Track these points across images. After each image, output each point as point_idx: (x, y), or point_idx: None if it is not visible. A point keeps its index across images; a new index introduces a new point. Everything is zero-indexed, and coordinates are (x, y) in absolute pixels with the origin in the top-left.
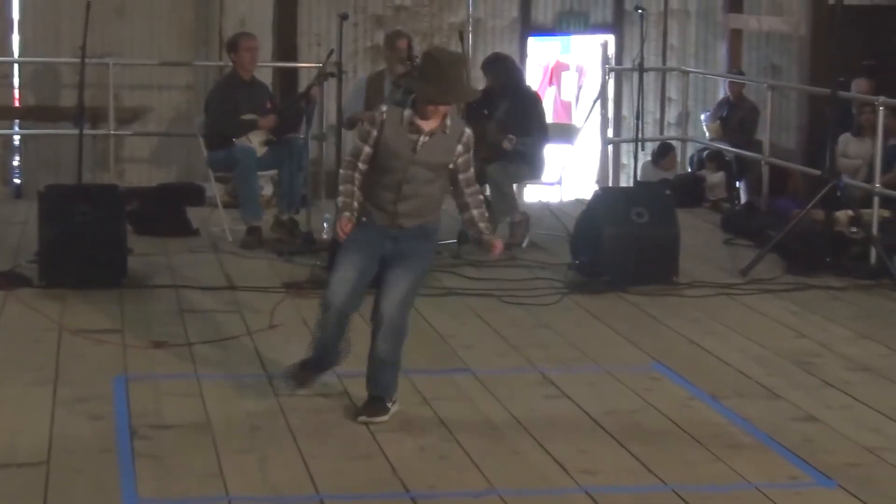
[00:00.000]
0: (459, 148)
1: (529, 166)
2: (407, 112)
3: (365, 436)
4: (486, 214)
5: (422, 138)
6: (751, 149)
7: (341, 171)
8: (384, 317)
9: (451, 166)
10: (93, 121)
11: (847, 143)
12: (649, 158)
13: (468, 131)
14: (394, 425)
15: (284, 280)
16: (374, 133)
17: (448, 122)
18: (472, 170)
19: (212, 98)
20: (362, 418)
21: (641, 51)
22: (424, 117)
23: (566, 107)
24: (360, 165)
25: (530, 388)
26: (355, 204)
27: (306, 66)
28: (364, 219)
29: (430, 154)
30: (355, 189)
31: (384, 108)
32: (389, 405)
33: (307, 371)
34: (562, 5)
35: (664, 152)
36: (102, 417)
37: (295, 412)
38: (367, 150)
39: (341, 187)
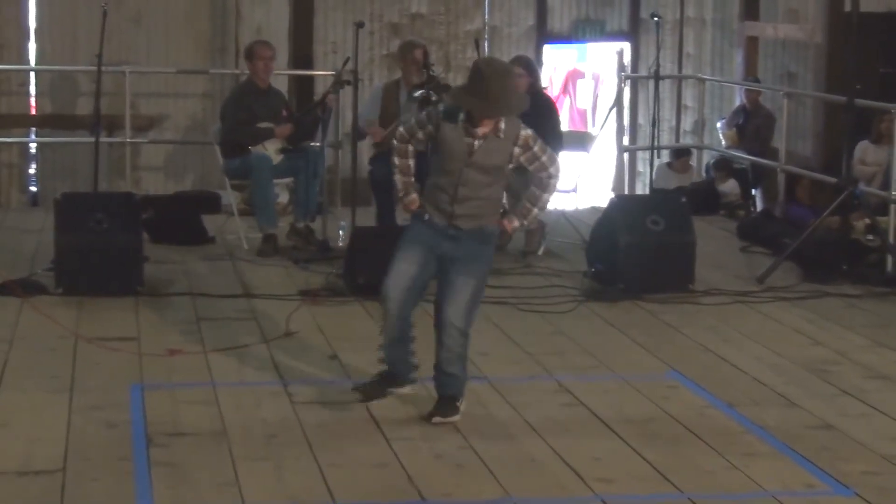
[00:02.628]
0: (516, 150)
1: (550, 186)
2: (461, 115)
3: (381, 444)
4: (535, 204)
5: (477, 142)
6: (767, 156)
7: (394, 142)
8: (451, 324)
9: (510, 166)
10: (109, 129)
11: (865, 151)
12: (664, 162)
13: (524, 132)
14: (410, 433)
15: (300, 288)
16: (430, 128)
17: (502, 125)
18: (541, 159)
19: (228, 106)
20: (437, 419)
21: (657, 58)
22: (476, 125)
23: (582, 114)
24: (419, 135)
25: (546, 395)
26: (413, 180)
27: (322, 73)
28: (426, 216)
29: (486, 157)
30: (410, 162)
31: (442, 107)
32: (459, 404)
33: (377, 384)
34: (578, 13)
35: (679, 154)
36: (118, 425)
37: (311, 420)
38: (420, 134)
39: (397, 160)
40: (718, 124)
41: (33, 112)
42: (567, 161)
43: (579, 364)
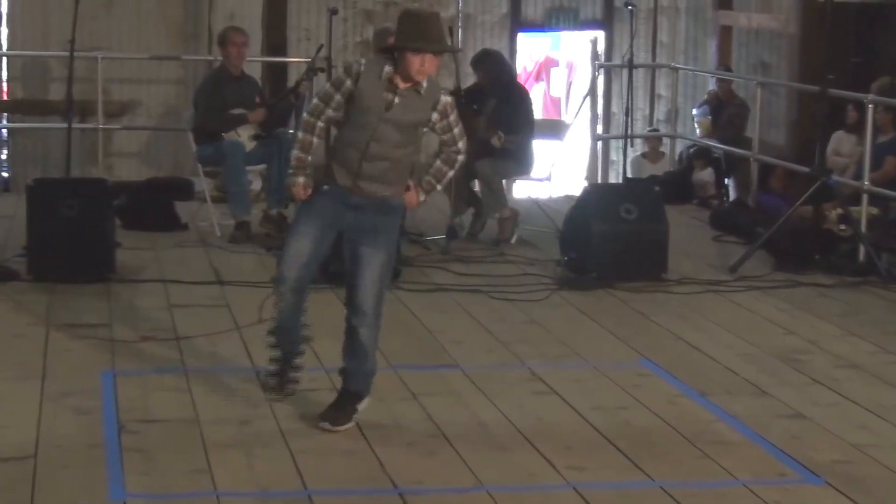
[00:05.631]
0: (435, 115)
1: (518, 162)
2: (387, 69)
3: (352, 431)
4: (439, 180)
5: (396, 98)
6: (740, 146)
7: (304, 115)
8: (360, 304)
9: (424, 129)
10: (81, 115)
11: (840, 141)
12: (639, 153)
13: (445, 98)
14: (382, 420)
15: (273, 275)
16: (349, 83)
17: (424, 83)
18: (453, 131)
19: (201, 92)
20: (325, 425)
21: (631, 47)
22: (407, 78)
23: (556, 103)
24: (329, 112)
25: (518, 384)
26: (310, 159)
27: (296, 60)
28: (325, 186)
29: (403, 114)
30: (314, 140)
31: (363, 60)
32: (359, 406)
33: (279, 374)
34: (552, 1)
35: (650, 139)
36: (90, 412)
37: (283, 407)
38: (337, 97)
39: (300, 135)
40: (694, 111)
41: (5, 97)
42: (541, 149)
43: (551, 352)
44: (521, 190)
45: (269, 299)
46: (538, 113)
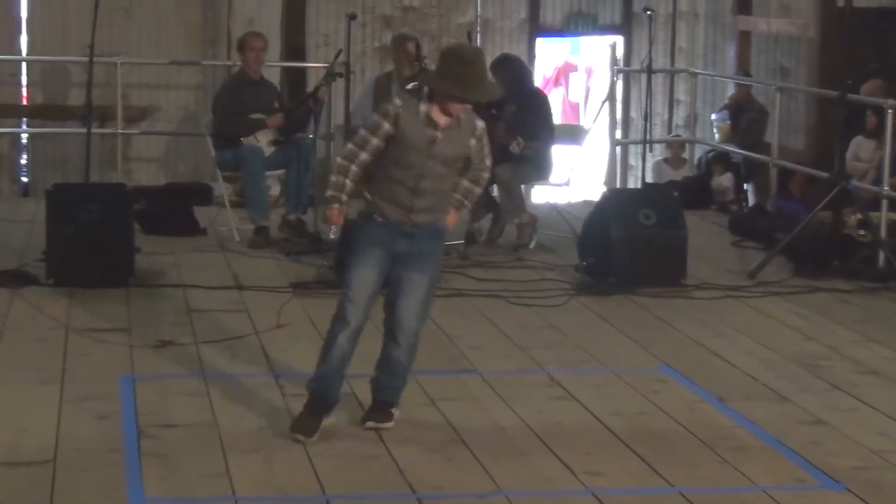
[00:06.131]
0: (473, 142)
1: (537, 168)
2: (423, 108)
3: (371, 436)
4: (468, 198)
5: (438, 133)
6: (759, 151)
7: (338, 159)
8: (403, 324)
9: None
10: (101, 119)
11: (860, 146)
12: (661, 158)
13: (481, 124)
14: (400, 426)
15: (291, 280)
16: (386, 126)
17: (462, 115)
18: (484, 152)
19: (219, 97)
20: (370, 424)
21: (650, 52)
22: (446, 113)
23: (574, 108)
24: (363, 157)
25: (537, 389)
26: (344, 197)
27: (314, 66)
28: (379, 218)
29: (447, 148)
30: (347, 182)
31: (398, 101)
32: (394, 411)
33: (312, 417)
34: (570, 6)
35: (671, 144)
36: (109, 416)
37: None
38: (374, 141)
39: (334, 178)
40: (713, 116)
41: (25, 102)
42: (559, 154)
43: (570, 358)
44: (540, 195)
45: (287, 304)
46: (557, 118)
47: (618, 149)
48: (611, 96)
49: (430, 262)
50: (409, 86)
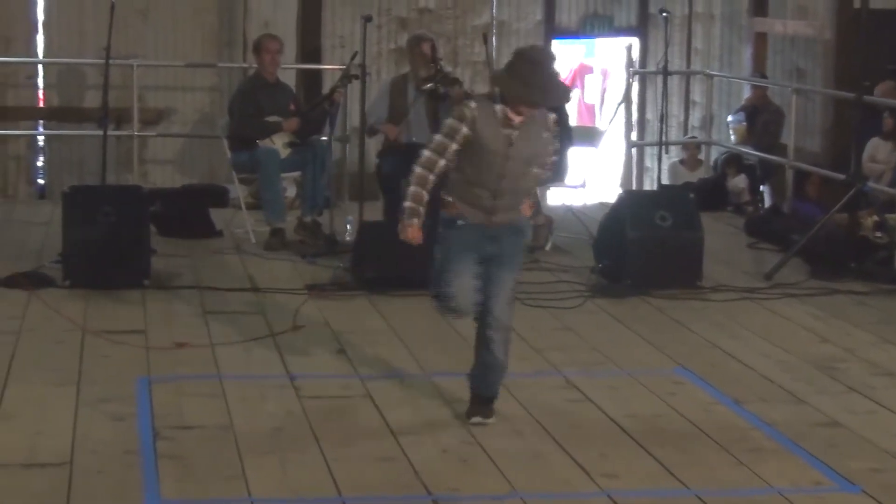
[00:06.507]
0: (546, 135)
1: (553, 170)
2: (499, 107)
3: (387, 438)
4: (539, 183)
5: (515, 132)
6: (775, 153)
7: (417, 168)
8: (499, 321)
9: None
10: (117, 122)
11: (876, 148)
12: (677, 160)
13: (552, 116)
14: (416, 428)
15: (307, 282)
16: (464, 130)
17: (535, 112)
18: (553, 147)
19: (235, 100)
20: (477, 419)
21: (666, 54)
22: (518, 113)
23: (590, 110)
24: (442, 164)
25: (552, 391)
26: (422, 210)
27: (330, 68)
28: (462, 221)
29: (525, 146)
30: (425, 193)
31: (472, 104)
32: (495, 405)
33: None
34: (586, 8)
35: (688, 146)
36: (125, 418)
37: (317, 414)
38: (453, 147)
39: (413, 188)
40: (730, 118)
41: (41, 105)
42: (575, 156)
43: (586, 360)
44: (556, 197)
45: (303, 306)
46: (573, 120)
47: (633, 150)
48: (626, 98)
49: (515, 259)
50: (426, 86)
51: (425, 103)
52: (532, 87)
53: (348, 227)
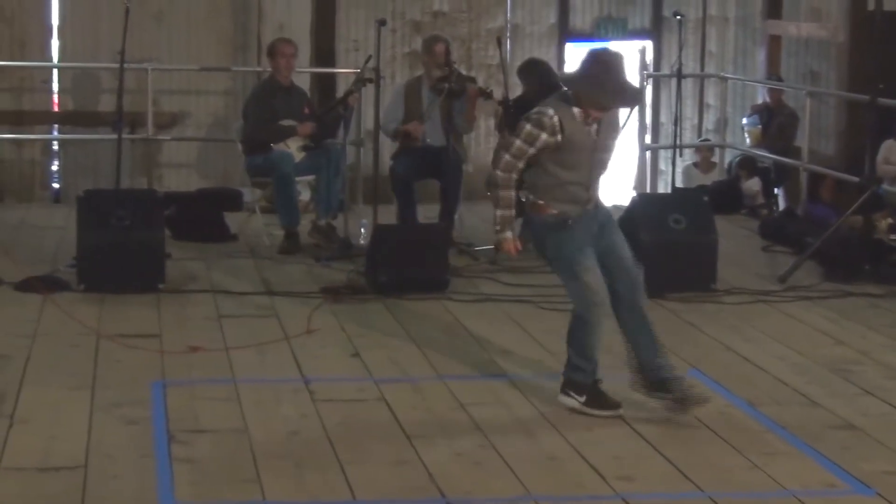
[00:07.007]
0: (616, 119)
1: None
2: (576, 109)
3: (401, 441)
4: None
5: (595, 127)
6: (789, 155)
7: (499, 173)
8: (635, 284)
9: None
10: (131, 126)
11: (890, 150)
12: (690, 163)
13: None
14: (430, 430)
15: (322, 285)
16: (545, 137)
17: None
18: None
19: (250, 103)
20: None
21: (679, 57)
22: (591, 112)
23: None
24: (520, 166)
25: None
26: (513, 213)
27: (344, 71)
28: (569, 221)
29: (606, 136)
30: (514, 195)
31: (550, 111)
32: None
33: (596, 396)
34: (600, 11)
35: (701, 149)
36: (139, 422)
37: (332, 418)
38: (531, 152)
39: (503, 193)
40: (744, 120)
41: (56, 109)
42: None
43: (600, 362)
44: None
45: (317, 309)
46: None
47: (647, 153)
48: (640, 101)
49: (616, 225)
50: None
51: (440, 105)
52: (606, 91)
53: (362, 230)
